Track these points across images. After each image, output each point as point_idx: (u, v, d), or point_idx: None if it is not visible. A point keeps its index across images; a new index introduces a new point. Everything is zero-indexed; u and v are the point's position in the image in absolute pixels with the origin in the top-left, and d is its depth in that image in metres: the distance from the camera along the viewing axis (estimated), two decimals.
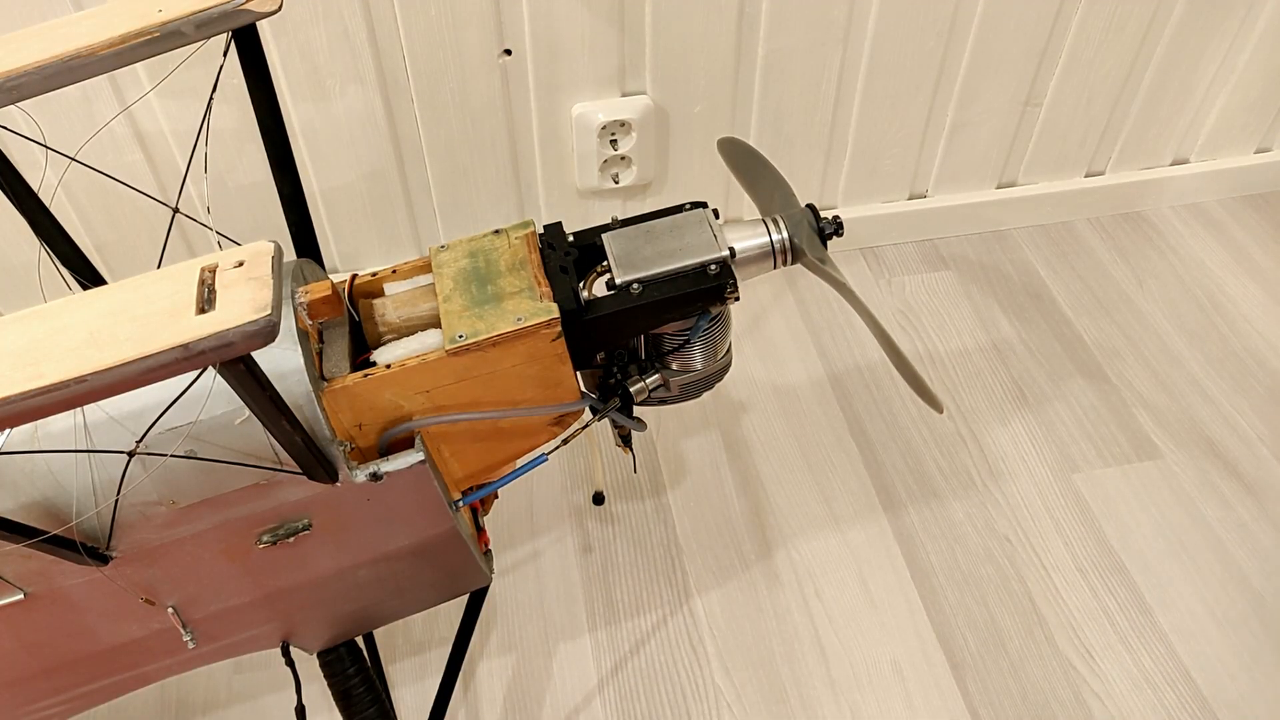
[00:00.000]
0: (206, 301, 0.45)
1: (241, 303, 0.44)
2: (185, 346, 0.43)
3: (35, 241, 0.74)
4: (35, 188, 0.73)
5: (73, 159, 0.73)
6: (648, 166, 1.32)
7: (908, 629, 1.06)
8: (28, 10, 1.04)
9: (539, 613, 1.08)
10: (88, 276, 0.77)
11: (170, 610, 0.69)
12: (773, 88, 1.28)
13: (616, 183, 1.33)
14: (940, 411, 0.79)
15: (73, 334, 0.44)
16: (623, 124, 1.27)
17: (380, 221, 1.32)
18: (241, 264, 0.46)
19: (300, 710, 0.79)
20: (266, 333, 0.44)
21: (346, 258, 1.36)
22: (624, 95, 1.25)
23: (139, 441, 0.58)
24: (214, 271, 0.46)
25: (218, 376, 0.49)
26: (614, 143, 1.29)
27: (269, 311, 0.44)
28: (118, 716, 1.02)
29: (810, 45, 1.25)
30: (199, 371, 0.47)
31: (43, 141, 0.75)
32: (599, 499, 1.17)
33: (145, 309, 0.45)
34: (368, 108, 1.19)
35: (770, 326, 1.38)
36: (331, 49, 1.13)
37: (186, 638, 0.71)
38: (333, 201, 1.28)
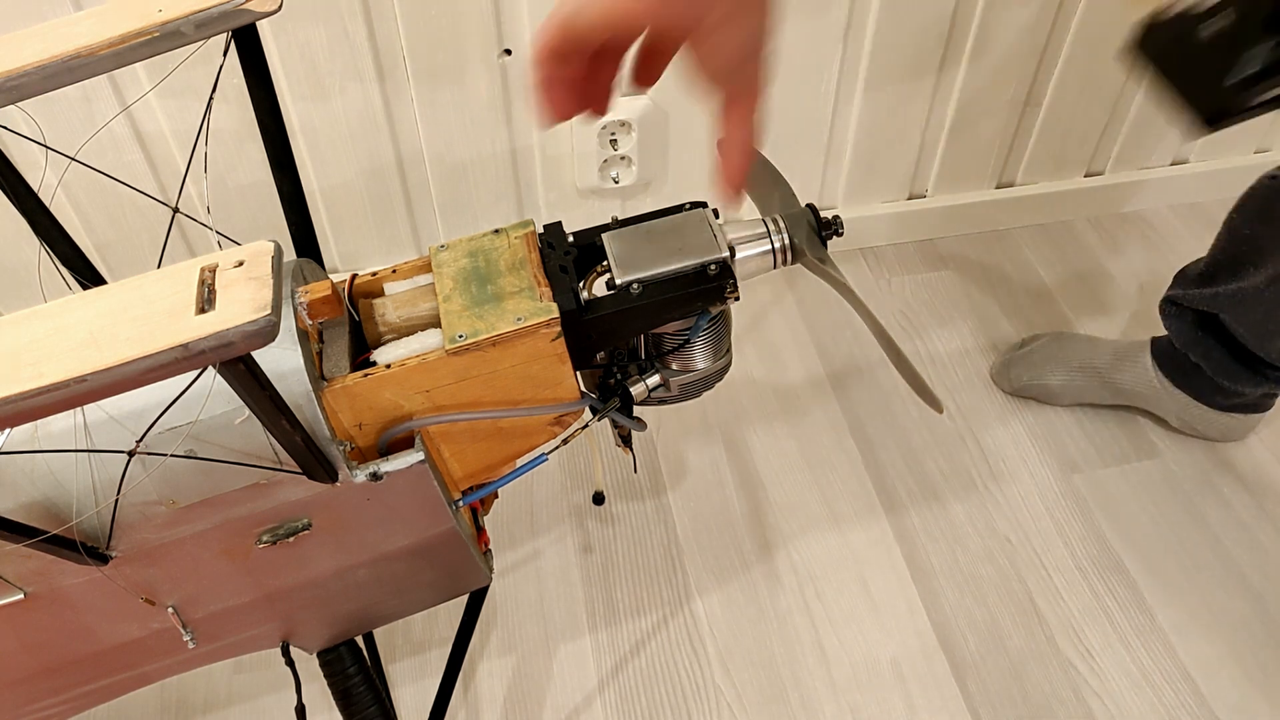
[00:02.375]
0: (206, 301, 0.45)
1: (241, 303, 0.44)
2: (185, 346, 0.43)
3: (35, 241, 0.74)
4: (35, 188, 0.73)
5: (73, 159, 0.73)
6: (648, 166, 1.32)
7: (908, 629, 1.06)
8: (28, 10, 1.04)
9: (539, 613, 1.08)
10: (88, 276, 0.77)
11: (170, 610, 0.69)
12: (773, 88, 1.28)
13: (616, 183, 1.33)
14: (940, 411, 0.79)
15: (73, 334, 0.44)
16: (623, 124, 1.27)
17: (380, 221, 1.32)
18: (241, 264, 0.46)
19: (300, 710, 0.79)
20: (266, 333, 0.44)
21: (346, 258, 1.36)
22: (624, 95, 1.25)
23: (139, 441, 0.58)
24: (214, 271, 0.46)
25: (218, 376, 0.49)
26: (614, 143, 1.29)
27: (269, 311, 0.44)
28: (118, 716, 1.02)
29: (810, 45, 1.25)
30: (199, 371, 0.46)
31: (43, 141, 0.75)
32: (599, 499, 1.17)
33: (145, 309, 0.45)
34: (367, 107, 1.19)
35: (770, 326, 1.38)
36: (331, 49, 1.13)
37: (186, 638, 0.71)
38: (333, 201, 1.28)
